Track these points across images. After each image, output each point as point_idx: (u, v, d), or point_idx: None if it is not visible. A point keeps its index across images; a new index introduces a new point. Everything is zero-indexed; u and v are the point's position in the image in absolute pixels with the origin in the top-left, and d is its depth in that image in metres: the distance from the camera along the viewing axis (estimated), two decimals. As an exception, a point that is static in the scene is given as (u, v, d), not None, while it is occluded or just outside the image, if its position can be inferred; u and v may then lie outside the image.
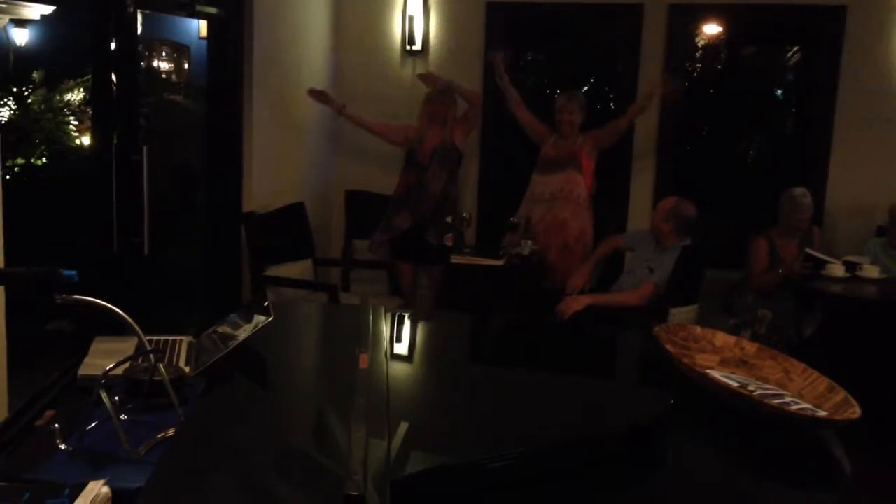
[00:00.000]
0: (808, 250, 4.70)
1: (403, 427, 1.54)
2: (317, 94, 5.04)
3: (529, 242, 4.77)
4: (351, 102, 5.45)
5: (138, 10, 4.06)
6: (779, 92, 6.36)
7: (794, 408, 1.86)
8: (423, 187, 4.95)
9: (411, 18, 5.71)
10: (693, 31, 5.82)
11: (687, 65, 5.96)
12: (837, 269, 4.55)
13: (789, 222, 4.83)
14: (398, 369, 2.02)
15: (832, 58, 5.35)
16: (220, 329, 1.99)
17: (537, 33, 6.29)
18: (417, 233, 4.96)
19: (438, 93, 5.04)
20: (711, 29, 5.88)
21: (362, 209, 5.71)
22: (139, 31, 4.16)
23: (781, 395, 1.94)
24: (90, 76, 4.82)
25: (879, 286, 4.51)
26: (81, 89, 5.90)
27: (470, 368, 2.29)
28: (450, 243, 4.82)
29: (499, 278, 4.66)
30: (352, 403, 1.55)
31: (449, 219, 4.89)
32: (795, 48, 6.04)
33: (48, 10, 5.50)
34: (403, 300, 5.07)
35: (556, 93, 5.18)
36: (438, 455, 1.53)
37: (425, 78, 5.17)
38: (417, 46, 5.73)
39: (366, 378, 1.71)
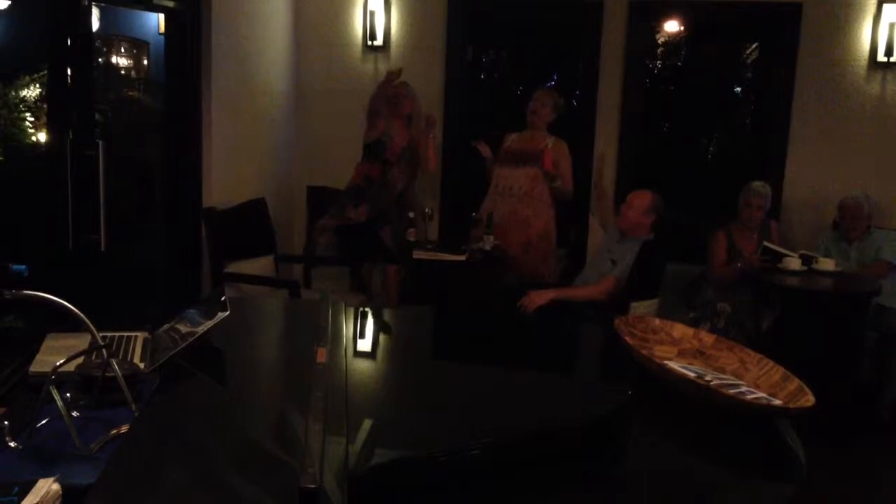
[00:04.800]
0: (766, 243, 4.77)
1: (362, 421, 1.54)
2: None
3: (491, 238, 4.78)
4: (313, 98, 5.43)
5: (93, 4, 4.01)
6: (738, 88, 6.45)
7: (749, 397, 1.88)
8: (386, 183, 4.93)
9: (372, 13, 5.69)
10: (653, 28, 5.88)
11: (647, 61, 6.01)
12: (794, 263, 4.63)
13: (748, 213, 4.90)
14: (358, 364, 2.01)
15: (789, 54, 5.43)
16: (176, 325, 1.96)
17: (499, 29, 6.30)
18: (371, 229, 4.94)
19: (402, 85, 5.04)
20: (671, 26, 5.95)
21: (324, 205, 5.67)
22: (96, 26, 4.10)
23: (738, 385, 1.96)
24: (46, 72, 4.74)
25: (834, 279, 4.59)
26: (38, 85, 5.79)
27: (430, 363, 2.28)
28: (412, 238, 4.81)
29: (461, 273, 4.66)
30: (309, 398, 1.54)
31: (411, 214, 4.88)
32: (754, 45, 6.12)
33: (3, 4, 5.40)
34: (366, 296, 5.05)
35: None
36: (397, 449, 1.52)
37: (430, 121, 5.14)
38: (379, 42, 5.71)
39: (324, 372, 1.70)
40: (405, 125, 5.00)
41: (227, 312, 1.88)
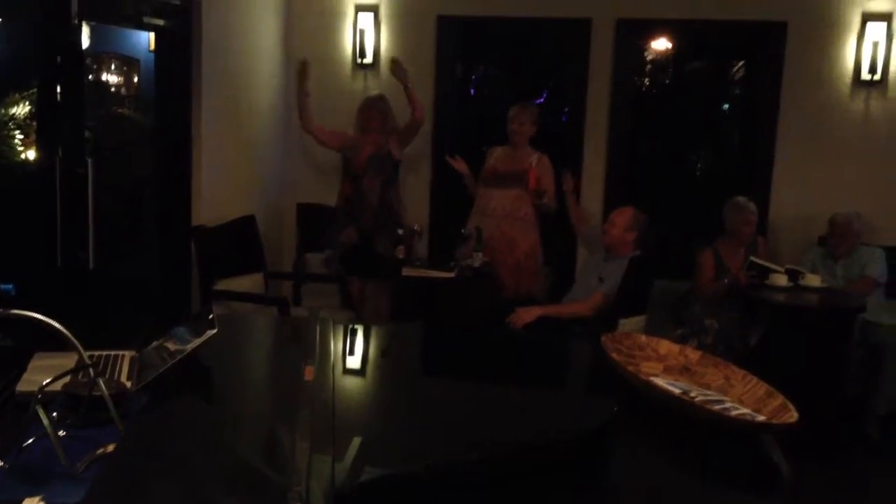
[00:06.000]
0: (753, 259, 4.80)
1: (350, 438, 1.54)
2: (303, 70, 5.06)
3: (480, 255, 4.79)
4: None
5: (84, 22, 4.02)
6: (725, 106, 6.50)
7: (734, 413, 1.90)
8: (361, 197, 4.95)
9: (362, 32, 5.72)
10: (641, 46, 5.93)
11: (635, 79, 6.06)
12: (781, 279, 4.65)
13: (735, 228, 4.93)
14: (346, 381, 2.02)
15: (774, 72, 5.49)
16: (164, 343, 1.96)
17: (488, 47, 6.34)
18: (364, 246, 4.95)
19: (375, 99, 5.06)
20: (659, 44, 6.00)
21: (314, 222, 5.68)
22: (87, 43, 4.11)
23: (722, 401, 1.98)
24: (36, 89, 4.75)
25: (821, 295, 4.62)
26: (27, 103, 5.79)
27: (419, 379, 2.29)
28: (401, 255, 4.83)
29: (450, 290, 4.67)
30: (296, 416, 1.55)
31: (400, 231, 4.89)
32: (740, 63, 6.18)
33: (-8, 21, 5.41)
34: (355, 313, 5.05)
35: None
36: (384, 466, 1.53)
37: (395, 67, 5.10)
38: (368, 60, 5.74)
39: (311, 390, 1.71)
40: (377, 135, 5.00)
41: (215, 330, 1.88)
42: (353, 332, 2.58)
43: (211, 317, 1.94)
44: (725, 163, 6.28)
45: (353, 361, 2.30)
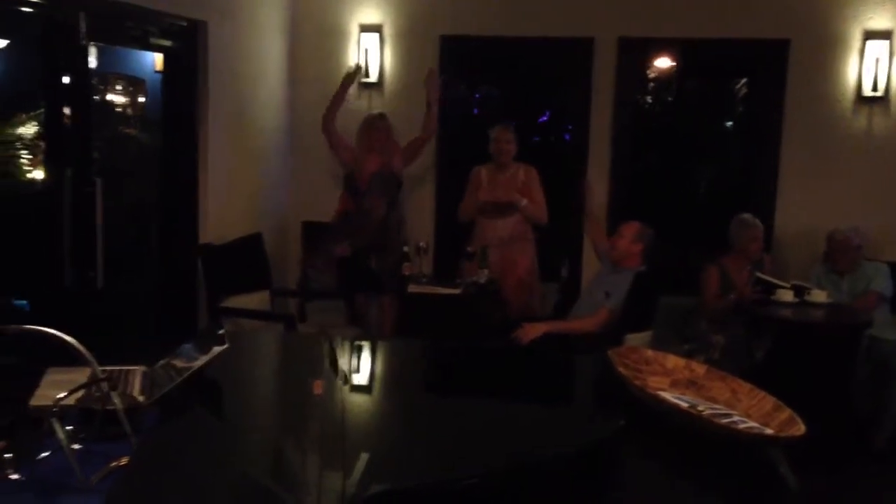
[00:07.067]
0: (759, 274, 4.80)
1: (358, 452, 1.55)
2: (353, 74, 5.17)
3: (486, 271, 4.81)
4: (308, 134, 5.49)
5: (91, 44, 4.06)
6: (728, 123, 6.52)
7: (741, 426, 1.91)
8: (363, 215, 4.97)
9: (366, 51, 5.77)
10: (643, 65, 5.96)
11: (637, 97, 6.09)
12: (786, 295, 4.66)
13: (742, 245, 4.93)
14: (354, 396, 2.03)
15: (777, 89, 5.51)
16: (172, 360, 1.98)
17: (491, 67, 6.38)
18: (360, 262, 4.97)
19: (376, 118, 5.09)
20: (661, 62, 6.03)
21: (319, 240, 5.70)
22: (93, 64, 4.15)
23: (730, 415, 1.99)
24: (43, 109, 4.79)
25: (827, 310, 4.62)
26: (34, 123, 5.83)
27: (426, 395, 2.30)
28: (407, 272, 4.84)
29: (456, 307, 4.68)
30: (306, 430, 1.56)
31: (406, 248, 4.91)
32: (743, 81, 6.21)
33: (1, 43, 5.46)
34: (361, 330, 5.06)
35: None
36: (393, 479, 1.54)
37: (430, 79, 5.19)
38: (373, 79, 5.78)
39: (320, 405, 1.72)
40: (379, 154, 5.03)
41: (226, 346, 1.90)
42: (360, 348, 2.59)
43: (221, 332, 1.96)
44: (729, 180, 6.29)
45: (361, 377, 2.32)
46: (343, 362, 2.15)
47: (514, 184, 5.10)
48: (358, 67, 5.16)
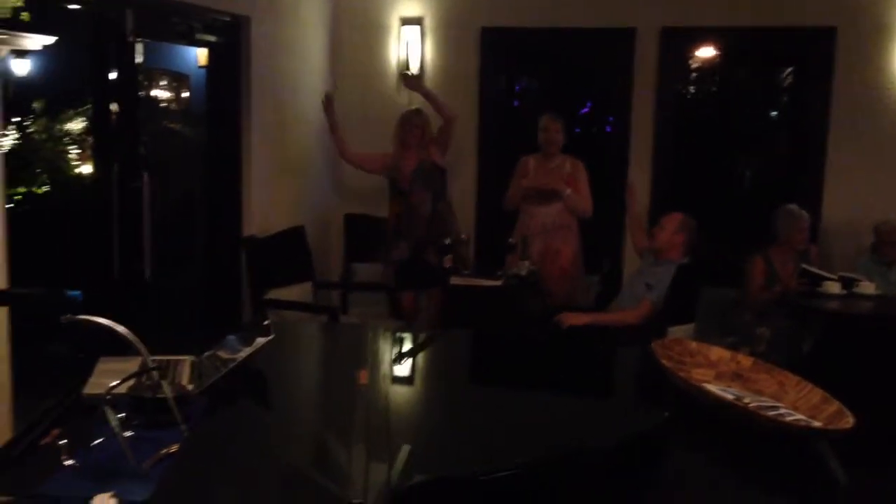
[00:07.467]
0: (805, 266, 4.73)
1: (403, 440, 1.57)
2: (327, 104, 5.09)
3: (527, 263, 4.80)
4: (349, 128, 5.52)
5: (137, 40, 4.13)
6: (773, 113, 6.43)
7: (789, 419, 1.89)
8: (412, 212, 4.97)
9: (407, 44, 5.78)
10: (686, 54, 5.89)
11: (680, 87, 6.03)
12: (834, 287, 4.59)
13: (788, 236, 4.86)
14: (398, 386, 2.05)
15: (824, 78, 5.42)
16: (217, 352, 2.01)
17: (531, 58, 6.36)
18: (418, 258, 4.98)
19: (412, 114, 5.08)
20: (704, 52, 5.96)
21: (361, 233, 5.75)
22: (139, 60, 4.22)
23: (777, 407, 1.97)
24: (90, 105, 4.88)
25: (875, 302, 4.54)
26: (82, 119, 5.94)
27: (469, 385, 2.31)
28: (448, 265, 4.85)
29: (497, 299, 4.68)
30: (352, 419, 1.58)
31: (448, 240, 4.92)
32: (788, 70, 6.11)
33: (49, 40, 5.57)
34: (403, 322, 5.09)
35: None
36: (438, 468, 1.55)
37: (408, 81, 5.21)
38: (414, 71, 5.79)
39: (365, 394, 1.74)
40: (416, 149, 5.03)
41: (271, 336, 1.93)
42: (403, 340, 2.61)
43: (266, 323, 1.99)
44: (774, 171, 6.20)
45: (404, 368, 2.33)
46: (387, 353, 2.17)
47: (561, 174, 5.06)
48: (328, 96, 5.13)
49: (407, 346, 2.54)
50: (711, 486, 1.75)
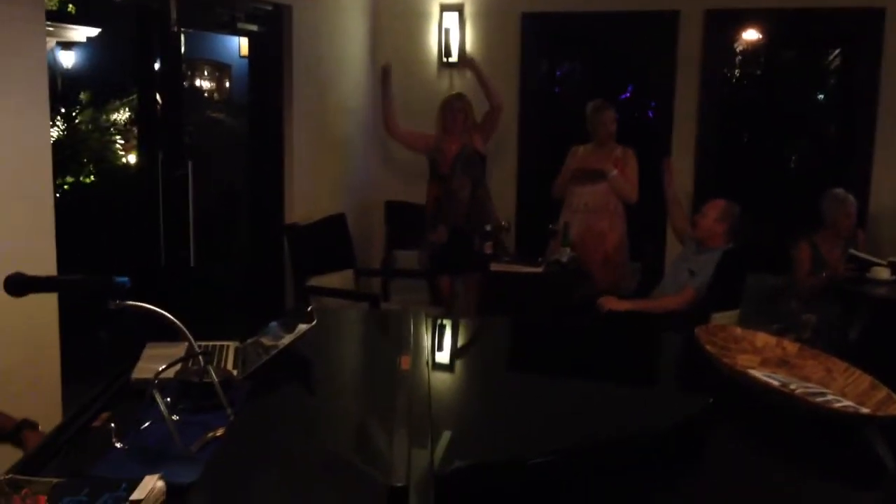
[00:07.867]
0: (853, 251, 4.65)
1: (445, 426, 1.57)
2: (384, 75, 5.15)
3: (568, 250, 4.77)
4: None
5: (182, 30, 4.17)
6: (820, 96, 6.32)
7: (836, 405, 1.86)
8: (452, 197, 4.96)
9: (447, 31, 5.77)
10: (731, 37, 5.80)
11: (724, 70, 5.94)
12: (882, 272, 4.50)
13: (835, 221, 4.77)
14: (440, 372, 2.05)
15: (872, 60, 5.30)
16: (260, 338, 2.03)
17: (572, 43, 6.32)
18: (456, 243, 4.97)
19: (454, 98, 5.06)
20: (749, 34, 5.86)
21: (402, 220, 5.76)
22: (182, 50, 4.27)
23: (824, 394, 1.94)
24: (135, 96, 4.95)
25: (925, 288, 4.45)
26: (127, 109, 6.04)
27: (510, 372, 2.31)
28: (489, 251, 4.85)
29: (538, 285, 4.67)
30: (394, 405, 1.58)
31: (488, 227, 4.91)
32: (836, 52, 6.00)
33: (94, 32, 5.67)
34: (443, 308, 5.10)
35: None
36: (481, 453, 1.55)
37: (465, 61, 5.16)
38: (454, 58, 5.79)
39: (408, 380, 1.74)
40: (459, 134, 5.01)
41: (314, 322, 1.94)
42: (444, 326, 2.61)
43: (310, 309, 2.01)
44: (821, 154, 6.10)
45: (445, 354, 2.34)
46: (428, 339, 2.18)
47: (610, 158, 5.01)
48: (386, 67, 5.14)
49: (448, 333, 2.55)
50: (758, 472, 1.73)
